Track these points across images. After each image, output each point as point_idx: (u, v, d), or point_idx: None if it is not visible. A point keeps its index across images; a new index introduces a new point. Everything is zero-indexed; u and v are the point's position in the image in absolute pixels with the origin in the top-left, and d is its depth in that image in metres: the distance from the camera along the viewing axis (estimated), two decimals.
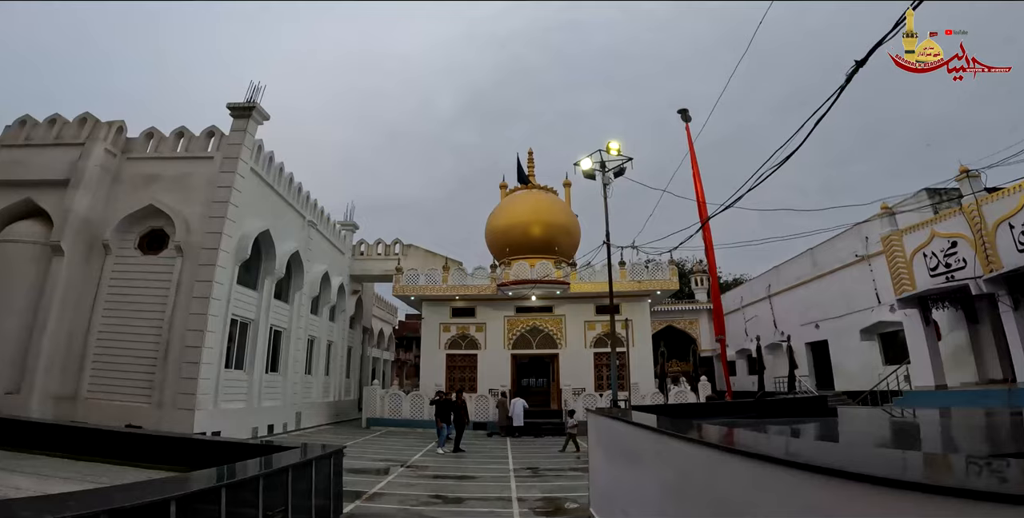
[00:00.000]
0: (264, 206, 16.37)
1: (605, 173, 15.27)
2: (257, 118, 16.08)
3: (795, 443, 3.29)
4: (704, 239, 13.53)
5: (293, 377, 17.81)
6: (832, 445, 3.49)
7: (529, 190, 26.19)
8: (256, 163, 16.14)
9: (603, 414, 6.17)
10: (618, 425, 5.45)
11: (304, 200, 19.61)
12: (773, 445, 2.96)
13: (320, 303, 21.01)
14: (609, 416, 5.97)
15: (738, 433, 2.96)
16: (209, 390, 12.88)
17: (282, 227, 17.36)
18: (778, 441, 3.49)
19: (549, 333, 22.53)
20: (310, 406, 19.42)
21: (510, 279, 21.49)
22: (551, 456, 13.11)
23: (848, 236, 21.20)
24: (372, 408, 20.55)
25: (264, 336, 15.89)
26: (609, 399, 19.68)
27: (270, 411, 16.05)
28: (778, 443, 3.26)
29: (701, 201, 13.23)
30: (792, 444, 3.13)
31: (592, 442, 7.18)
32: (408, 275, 22.47)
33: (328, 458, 6.08)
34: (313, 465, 5.61)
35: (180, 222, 14.01)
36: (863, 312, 19.47)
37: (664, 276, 21.78)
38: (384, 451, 13.80)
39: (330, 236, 22.26)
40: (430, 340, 22.83)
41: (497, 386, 20.65)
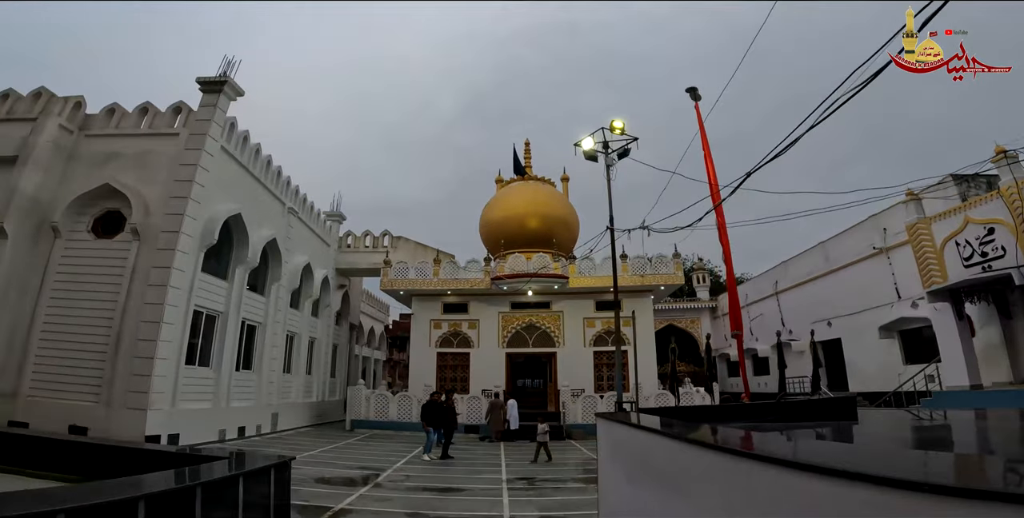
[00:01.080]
0: (236, 188, 15.00)
1: (608, 154, 14.03)
2: (230, 93, 14.74)
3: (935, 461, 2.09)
4: (717, 222, 12.25)
5: (269, 376, 16.41)
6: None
7: (526, 181, 24.91)
8: (228, 142, 14.78)
9: (620, 421, 4.88)
10: (645, 437, 4.09)
11: (284, 185, 18.24)
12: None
13: (301, 297, 19.61)
14: (631, 425, 4.58)
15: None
16: (165, 388, 11.48)
17: (257, 212, 15.98)
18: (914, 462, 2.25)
19: (546, 330, 21.20)
20: (289, 407, 18.01)
21: (505, 272, 20.15)
22: (548, 465, 11.78)
23: (864, 228, 20.01)
24: (357, 410, 19.16)
25: (235, 330, 14.49)
26: (610, 401, 18.42)
27: (241, 412, 14.64)
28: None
29: (713, 182, 11.96)
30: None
31: (604, 454, 5.82)
32: (397, 268, 21.12)
33: (265, 472, 4.74)
34: (242, 481, 4.30)
35: (138, 203, 12.63)
36: (882, 308, 18.23)
37: (668, 270, 20.51)
38: (364, 457, 12.44)
39: (314, 226, 20.88)
40: (420, 337, 21.47)
41: (491, 387, 19.29)
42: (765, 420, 5.21)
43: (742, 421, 4.84)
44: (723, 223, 12.33)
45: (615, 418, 5.25)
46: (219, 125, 14.33)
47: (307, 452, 12.84)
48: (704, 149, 13.76)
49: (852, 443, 3.39)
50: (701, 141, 14.04)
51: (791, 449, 2.15)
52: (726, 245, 11.94)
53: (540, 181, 25.09)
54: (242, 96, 15.27)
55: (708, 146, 13.85)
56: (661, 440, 3.51)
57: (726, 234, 12.30)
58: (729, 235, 12.74)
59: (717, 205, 11.33)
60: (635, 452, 4.23)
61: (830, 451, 2.35)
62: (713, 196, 11.62)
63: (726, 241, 12.03)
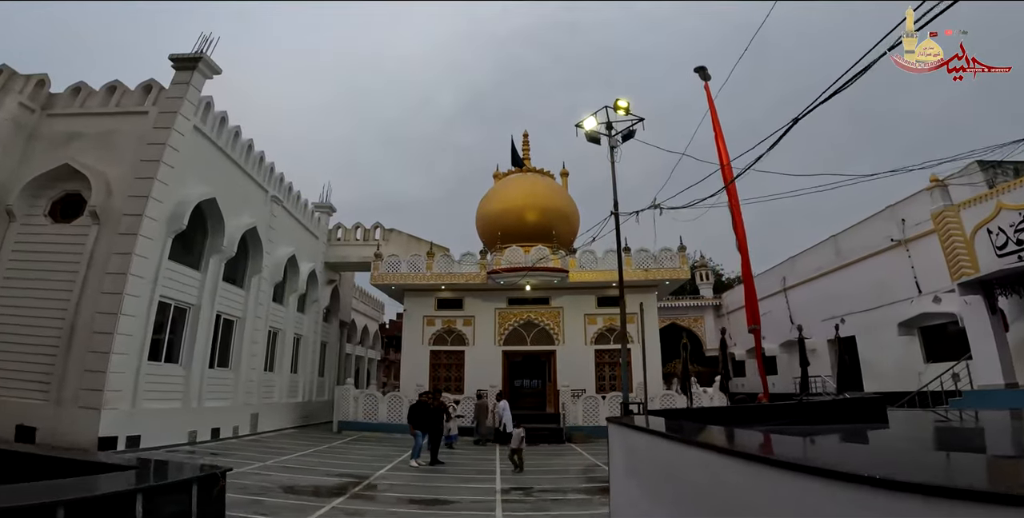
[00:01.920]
0: (211, 172, 13.93)
1: (612, 136, 13.01)
2: (205, 71, 13.69)
3: None
4: (730, 204, 11.19)
5: (248, 374, 15.32)
6: None
7: (524, 173, 23.86)
8: (203, 122, 13.73)
9: (640, 429, 3.96)
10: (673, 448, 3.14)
11: (267, 172, 17.16)
12: None
13: (286, 291, 18.52)
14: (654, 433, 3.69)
15: None
16: (124, 386, 10.41)
17: (235, 198, 14.92)
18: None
19: (545, 328, 20.15)
20: (271, 407, 16.92)
21: (502, 266, 19.10)
22: (548, 470, 10.72)
23: (879, 219, 19.01)
24: (345, 410, 18.07)
25: (208, 325, 13.41)
26: (613, 402, 17.40)
27: (216, 412, 13.56)
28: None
29: (724, 160, 10.93)
30: None
31: (617, 466, 4.89)
32: (388, 262, 20.03)
33: (182, 488, 3.68)
34: (141, 498, 3.26)
35: (99, 183, 11.56)
36: (900, 303, 17.21)
37: (674, 264, 19.52)
38: (347, 462, 11.36)
39: (300, 216, 19.79)
40: (412, 335, 20.39)
41: (486, 386, 18.17)
42: (788, 422, 4.88)
43: (764, 424, 4.49)
44: (736, 202, 11.27)
45: (633, 425, 4.22)
46: (192, 103, 13.29)
47: (284, 456, 11.75)
48: (715, 128, 12.72)
49: (945, 454, 2.52)
50: (712, 121, 13.00)
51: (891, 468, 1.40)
52: (740, 227, 10.87)
53: (539, 173, 24.04)
54: (219, 74, 14.23)
55: (719, 125, 12.81)
56: (697, 453, 2.47)
57: (740, 215, 11.24)
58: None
59: (731, 181, 10.30)
60: (659, 465, 3.12)
61: (939, 467, 1.67)
62: (725, 175, 10.58)
63: (740, 222, 10.96)
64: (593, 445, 15.09)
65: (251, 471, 9.68)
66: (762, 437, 2.94)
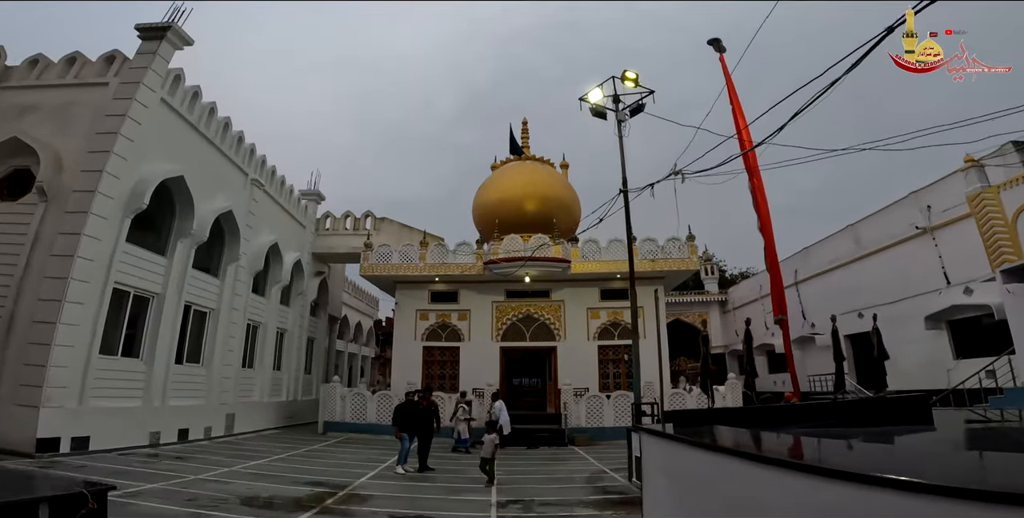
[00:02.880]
0: (180, 148, 12.72)
1: (619, 111, 11.82)
2: (174, 42, 12.49)
3: None
4: (752, 183, 9.99)
5: (223, 370, 14.11)
6: None
7: (523, 162, 22.64)
8: (171, 95, 12.52)
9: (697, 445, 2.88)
10: (764, 474, 1.82)
11: (246, 154, 15.93)
12: None
13: (268, 282, 17.30)
14: (733, 453, 2.36)
15: None
16: (69, 382, 9.21)
17: (209, 179, 13.70)
18: None
19: (545, 322, 18.94)
20: (250, 406, 15.71)
21: (499, 256, 17.89)
22: (550, 478, 9.55)
23: (902, 206, 17.82)
24: (331, 410, 16.88)
25: (174, 316, 12.19)
26: (618, 402, 16.22)
27: (183, 412, 12.36)
28: None
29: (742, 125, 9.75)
30: None
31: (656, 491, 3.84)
32: (379, 252, 18.81)
33: (24, 510, 2.52)
34: None
35: (48, 157, 10.34)
36: (926, 295, 16.04)
37: (682, 254, 18.33)
38: (325, 468, 10.16)
39: (285, 203, 18.56)
40: (404, 330, 19.19)
41: (483, 385, 16.95)
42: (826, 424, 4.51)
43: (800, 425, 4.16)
44: (759, 181, 10.06)
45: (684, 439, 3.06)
46: (158, 74, 12.07)
47: (256, 460, 10.55)
48: (732, 100, 11.53)
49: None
50: (728, 93, 11.80)
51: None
52: (763, 206, 9.65)
53: (539, 161, 22.81)
54: (190, 46, 13.03)
55: (736, 97, 11.61)
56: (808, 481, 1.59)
57: (763, 194, 10.04)
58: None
59: (751, 149, 9.13)
60: (736, 496, 2.18)
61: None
62: (744, 146, 9.40)
63: (762, 201, 9.75)
64: (597, 448, 13.91)
65: (211, 478, 8.49)
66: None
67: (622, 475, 9.44)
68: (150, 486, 7.53)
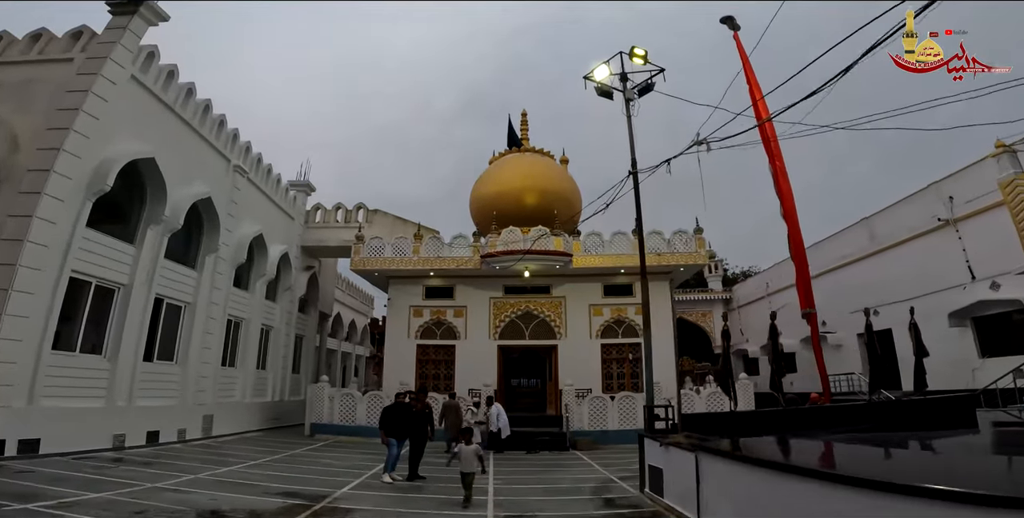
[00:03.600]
0: (152, 129, 11.77)
1: (627, 89, 10.91)
2: (148, 17, 11.59)
3: None
4: (773, 166, 9.07)
5: (200, 368, 13.14)
6: None
7: (522, 153, 21.74)
8: (143, 73, 11.59)
9: (803, 472, 1.97)
10: None
11: (228, 139, 14.96)
12: None
13: (252, 275, 16.34)
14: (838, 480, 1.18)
15: None
16: (17, 379, 8.27)
17: (185, 163, 12.76)
18: None
19: (545, 319, 18.02)
20: (231, 407, 14.74)
21: (497, 249, 16.96)
22: (552, 489, 8.61)
23: (922, 198, 16.94)
24: (318, 411, 15.93)
25: (143, 309, 11.22)
26: (623, 403, 15.28)
27: (153, 413, 11.39)
28: None
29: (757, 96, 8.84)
30: None
31: None
32: (371, 245, 17.86)
33: None
34: None
35: (3, 135, 9.37)
36: (949, 291, 15.18)
37: (689, 248, 17.42)
38: (305, 475, 9.21)
39: (271, 193, 17.59)
40: (397, 327, 18.23)
41: (479, 385, 16.02)
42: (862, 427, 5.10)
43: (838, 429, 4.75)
44: (781, 164, 9.14)
45: (773, 463, 2.49)
46: (129, 50, 11.14)
47: (229, 466, 9.59)
48: (748, 75, 10.62)
49: None
50: (744, 70, 10.88)
51: None
52: (785, 189, 8.73)
53: (538, 153, 21.90)
54: (166, 21, 12.09)
55: (752, 74, 10.70)
56: None
57: (785, 176, 9.13)
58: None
59: (767, 119, 8.23)
60: None
61: None
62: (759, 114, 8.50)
63: (785, 183, 8.83)
64: (602, 453, 12.99)
65: (170, 487, 7.53)
66: None
67: (631, 484, 8.52)
68: (93, 496, 6.56)
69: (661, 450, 7.03)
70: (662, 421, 7.95)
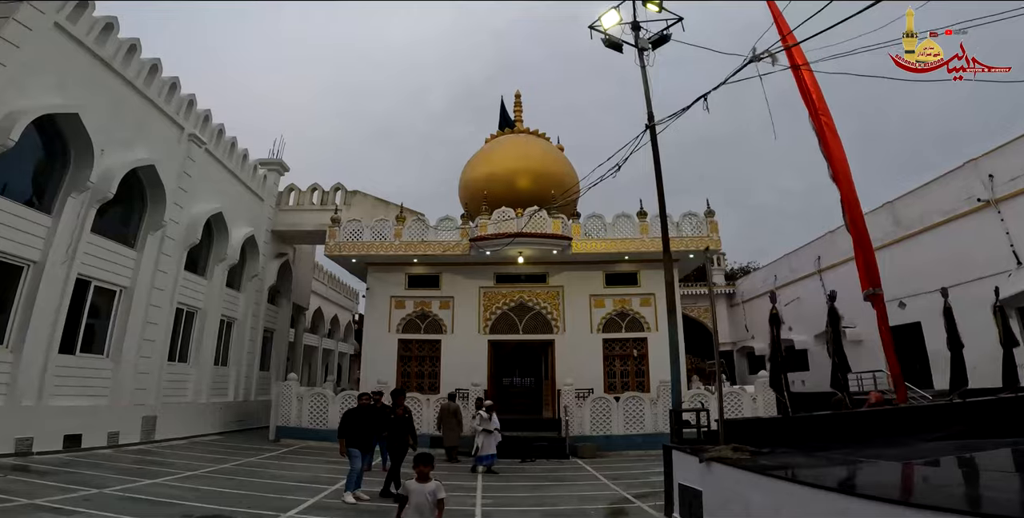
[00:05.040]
0: (80, 83, 9.95)
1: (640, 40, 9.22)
2: None
3: None
4: (816, 123, 7.41)
5: (140, 363, 11.28)
6: None
7: (515, 134, 20.03)
8: (71, 22, 9.75)
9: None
10: None
11: (182, 105, 13.08)
12: None
13: (210, 259, 14.47)
14: None
15: None
16: None
17: (122, 124, 10.91)
18: None
19: (541, 311, 16.29)
20: (181, 408, 12.88)
21: (488, 232, 15.21)
22: (555, 509, 6.89)
23: (956, 178, 15.39)
24: (285, 413, 14.11)
25: (60, 292, 9.33)
26: (629, 405, 13.60)
27: (74, 413, 9.55)
28: None
29: (786, 34, 7.20)
30: None
31: None
32: (347, 228, 16.05)
33: None
34: None
35: None
36: (991, 279, 13.62)
37: (700, 232, 15.78)
38: (249, 492, 7.42)
39: (235, 168, 15.69)
40: (376, 320, 16.45)
41: (467, 384, 14.21)
42: (952, 432, 4.32)
43: (926, 435, 4.08)
44: (828, 118, 7.50)
45: None
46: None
47: (154, 479, 7.74)
48: (776, 18, 8.91)
49: None
50: (772, 13, 9.18)
51: None
52: (834, 146, 7.06)
53: (533, 135, 20.19)
54: None
55: (780, 13, 8.99)
56: None
57: (834, 131, 7.49)
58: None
59: (795, 44, 6.60)
60: None
61: None
62: (784, 39, 6.89)
63: (834, 138, 7.17)
64: (607, 462, 11.31)
65: (52, 504, 5.74)
66: None
67: (653, 506, 6.84)
68: None
69: (700, 467, 5.31)
70: (694, 429, 6.25)
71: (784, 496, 3.66)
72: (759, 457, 4.90)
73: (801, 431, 5.86)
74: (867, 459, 4.58)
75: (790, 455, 4.99)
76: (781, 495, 3.78)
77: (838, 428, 5.73)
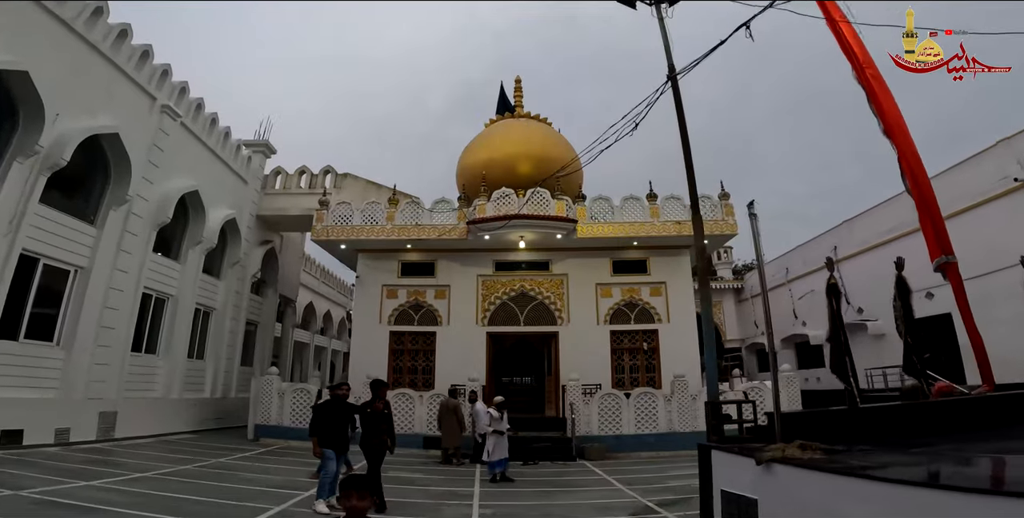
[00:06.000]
0: (32, 41, 8.83)
1: None
2: None
3: None
4: (861, 77, 6.30)
5: (97, 353, 10.12)
6: None
7: (516, 119, 18.95)
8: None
9: None
10: None
11: (155, 73, 11.97)
12: None
13: (184, 243, 13.34)
14: None
15: None
16: None
17: (82, 88, 9.84)
18: None
19: (544, 301, 15.17)
20: (148, 404, 11.75)
21: (487, 214, 14.11)
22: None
23: (986, 159, 14.34)
24: (265, 410, 13.00)
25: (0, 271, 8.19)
26: (641, 401, 12.47)
27: (15, 406, 8.42)
28: None
29: None
30: None
31: None
32: (336, 212, 14.93)
33: None
34: None
35: None
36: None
37: (716, 215, 14.69)
38: (204, 498, 6.30)
39: (215, 146, 14.56)
40: (367, 310, 15.31)
41: (463, 379, 13.08)
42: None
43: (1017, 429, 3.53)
44: (875, 71, 6.41)
45: None
46: None
47: (89, 481, 6.59)
48: None
49: None
50: None
51: None
52: (883, 92, 5.94)
53: (533, 119, 19.12)
54: None
55: None
56: None
57: (885, 86, 6.38)
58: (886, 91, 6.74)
59: None
60: None
61: None
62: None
63: (885, 94, 6.05)
64: (618, 464, 10.21)
65: None
66: None
67: (681, 515, 5.73)
68: None
69: (756, 471, 4.18)
70: (736, 424, 5.15)
71: (902, 502, 2.55)
72: (836, 456, 3.80)
73: (869, 424, 4.77)
74: (983, 453, 3.50)
75: (874, 453, 3.91)
76: (896, 501, 2.68)
77: (912, 420, 4.65)
